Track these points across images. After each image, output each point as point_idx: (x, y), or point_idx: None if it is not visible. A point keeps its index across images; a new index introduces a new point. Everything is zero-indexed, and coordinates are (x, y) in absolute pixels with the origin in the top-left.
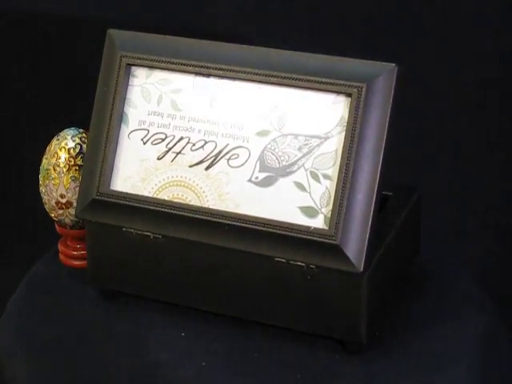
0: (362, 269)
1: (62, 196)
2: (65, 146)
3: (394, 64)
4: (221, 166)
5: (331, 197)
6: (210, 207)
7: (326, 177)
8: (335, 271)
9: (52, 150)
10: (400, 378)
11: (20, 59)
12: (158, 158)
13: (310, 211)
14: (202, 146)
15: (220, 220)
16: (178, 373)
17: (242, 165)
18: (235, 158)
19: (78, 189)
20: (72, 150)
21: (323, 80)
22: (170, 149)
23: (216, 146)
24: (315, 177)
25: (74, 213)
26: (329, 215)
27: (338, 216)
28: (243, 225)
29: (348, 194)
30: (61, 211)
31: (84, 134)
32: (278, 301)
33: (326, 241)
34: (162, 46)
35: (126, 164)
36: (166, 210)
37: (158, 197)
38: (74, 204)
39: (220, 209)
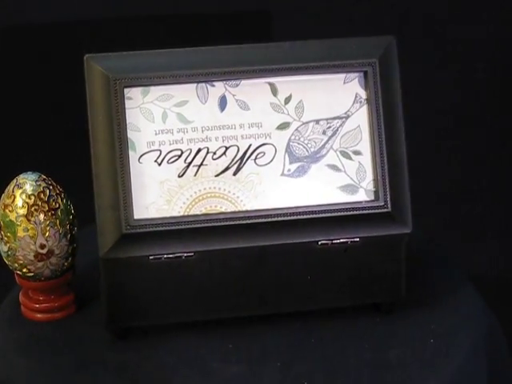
0: (411, 228)
1: (43, 246)
2: (32, 192)
3: (391, 36)
4: (249, 168)
5: (367, 170)
6: (248, 209)
7: (356, 153)
8: (379, 238)
9: (17, 201)
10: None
11: None
12: (179, 176)
13: (349, 188)
14: (224, 153)
15: (261, 220)
16: None
17: (271, 161)
18: (262, 157)
19: (57, 235)
20: (43, 195)
21: (331, 63)
22: (190, 163)
23: (239, 150)
24: (346, 155)
25: (55, 261)
26: (369, 188)
27: (384, 185)
28: (285, 218)
29: (381, 163)
30: (40, 263)
31: (43, 176)
32: (319, 284)
33: (379, 211)
34: (152, 61)
35: (144, 190)
36: (200, 225)
37: (190, 213)
38: (56, 251)
39: (259, 208)
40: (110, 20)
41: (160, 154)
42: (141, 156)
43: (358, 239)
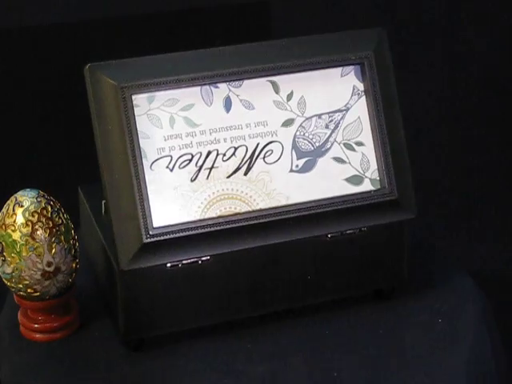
0: (416, 213)
1: (50, 264)
2: (35, 209)
3: (380, 27)
4: (259, 167)
5: (370, 160)
6: (262, 208)
7: (358, 144)
8: (386, 225)
9: (19, 220)
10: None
11: None
12: (192, 180)
13: (355, 179)
14: (234, 154)
15: (275, 218)
16: None
17: (279, 158)
18: (270, 155)
19: (63, 251)
20: (45, 211)
21: (329, 58)
22: (201, 166)
23: (247, 149)
24: (349, 147)
25: (61, 279)
26: (374, 177)
27: (388, 173)
28: (298, 214)
29: (384, 152)
30: (47, 282)
31: (41, 192)
32: (328, 276)
33: (386, 199)
34: (155, 66)
35: (158, 197)
36: (217, 227)
37: (206, 217)
38: (62, 268)
39: (272, 206)
40: (98, 20)
41: (171, 159)
42: (152, 163)
43: (365, 228)
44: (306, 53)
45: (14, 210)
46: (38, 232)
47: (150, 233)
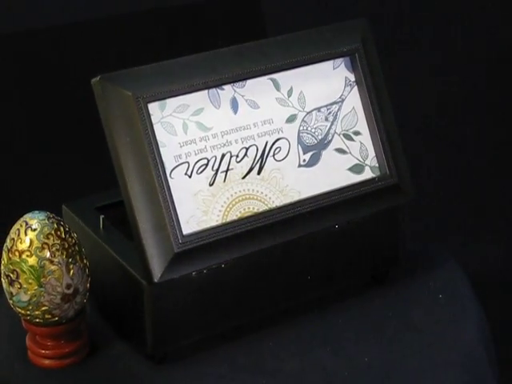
0: (414, 194)
1: (69, 286)
2: (49, 231)
3: (363, 18)
4: (270, 165)
5: (368, 148)
6: (278, 205)
7: (356, 133)
8: (388, 209)
9: (35, 244)
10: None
11: None
12: (210, 184)
13: (357, 168)
14: (246, 154)
15: (290, 214)
16: None
17: (287, 154)
18: (279, 152)
19: (80, 271)
20: (59, 232)
21: (323, 52)
22: (218, 170)
23: (258, 149)
24: (348, 137)
25: (79, 300)
26: (373, 164)
27: (387, 159)
28: (312, 208)
29: (380, 139)
30: (66, 305)
31: (49, 213)
32: (335, 265)
33: (387, 184)
34: (164, 73)
35: (181, 205)
36: (240, 229)
37: (228, 220)
38: (80, 289)
39: (287, 202)
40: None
41: (188, 165)
42: (171, 172)
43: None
44: (301, 48)
45: (26, 233)
46: (56, 254)
47: (181, 242)
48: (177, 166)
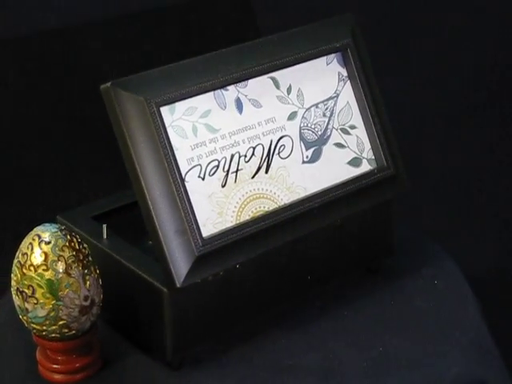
0: (410, 184)
1: (86, 298)
2: (64, 243)
3: (350, 13)
4: (276, 163)
5: (364, 141)
6: (286, 203)
7: (352, 127)
8: (386, 200)
9: (51, 257)
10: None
11: None
12: (223, 186)
13: (355, 162)
14: (253, 154)
15: (299, 211)
16: None
17: (291, 152)
18: (283, 150)
19: (95, 282)
20: (73, 244)
21: (317, 49)
22: (228, 171)
23: (264, 148)
24: (345, 131)
25: (95, 312)
26: (370, 156)
27: (383, 151)
28: (318, 204)
29: (375, 132)
30: (84, 317)
31: (59, 225)
32: (334, 259)
33: (387, 175)
34: (171, 76)
35: (197, 207)
36: (255, 229)
37: (242, 220)
38: (96, 300)
39: (294, 199)
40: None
41: (201, 168)
42: (185, 174)
43: (367, 207)
44: (297, 46)
45: (40, 247)
46: (72, 266)
47: (201, 245)
48: (190, 169)
